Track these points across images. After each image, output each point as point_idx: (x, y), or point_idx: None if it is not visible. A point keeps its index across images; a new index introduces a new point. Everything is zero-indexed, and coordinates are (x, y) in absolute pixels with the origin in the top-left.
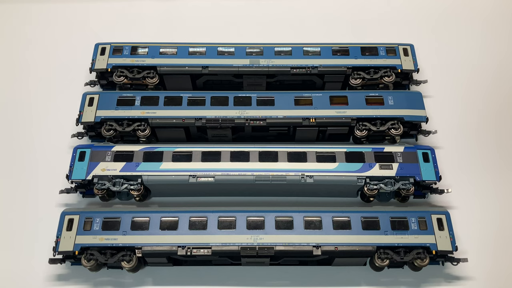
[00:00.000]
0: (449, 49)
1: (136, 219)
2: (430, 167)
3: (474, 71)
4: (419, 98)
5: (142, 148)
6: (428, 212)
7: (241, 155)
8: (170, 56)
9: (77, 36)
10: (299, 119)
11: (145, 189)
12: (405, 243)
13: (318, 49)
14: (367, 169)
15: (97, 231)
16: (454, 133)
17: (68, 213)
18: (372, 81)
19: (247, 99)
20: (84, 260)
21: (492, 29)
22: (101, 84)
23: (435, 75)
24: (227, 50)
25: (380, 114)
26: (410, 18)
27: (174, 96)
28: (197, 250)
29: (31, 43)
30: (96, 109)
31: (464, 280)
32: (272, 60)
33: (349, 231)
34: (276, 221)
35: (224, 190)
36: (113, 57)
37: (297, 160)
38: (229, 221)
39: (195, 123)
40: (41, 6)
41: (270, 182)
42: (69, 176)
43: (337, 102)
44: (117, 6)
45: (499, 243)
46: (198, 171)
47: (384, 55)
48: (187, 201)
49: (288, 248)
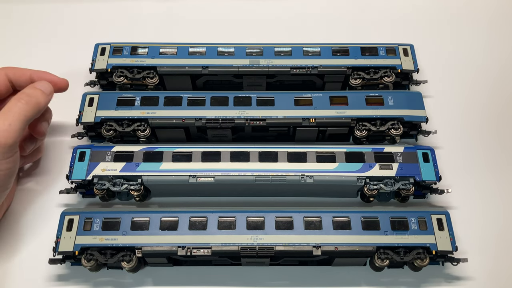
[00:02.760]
0: (449, 49)
1: (136, 219)
2: (430, 167)
3: (474, 71)
4: (419, 98)
5: (142, 148)
6: (428, 212)
7: (241, 155)
8: (170, 56)
9: (77, 36)
10: (299, 119)
11: (145, 189)
12: (405, 243)
13: (318, 49)
14: (367, 169)
15: (97, 231)
16: (454, 133)
17: (68, 213)
18: (372, 81)
19: (247, 99)
20: (84, 260)
21: (492, 29)
22: (101, 84)
23: (435, 75)
24: (227, 50)
25: (380, 114)
26: (410, 18)
27: (174, 96)
28: (197, 250)
29: (31, 43)
30: (96, 109)
31: (464, 280)
32: (272, 60)
33: (349, 231)
34: (276, 221)
35: (224, 190)
36: (113, 57)
37: (297, 160)
38: (229, 221)
39: (195, 123)
40: (41, 6)
41: (270, 182)
42: (69, 177)
43: (337, 102)
44: (117, 6)
45: (500, 243)
46: (198, 171)
47: (384, 55)
48: (187, 201)
49: (288, 248)
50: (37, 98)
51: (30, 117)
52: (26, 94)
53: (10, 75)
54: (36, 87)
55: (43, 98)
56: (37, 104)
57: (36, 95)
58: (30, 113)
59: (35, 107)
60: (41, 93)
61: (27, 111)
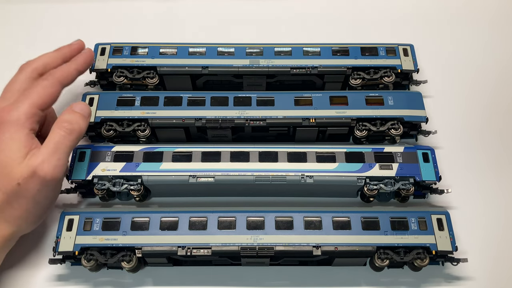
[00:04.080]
0: (449, 49)
1: (136, 219)
2: (430, 167)
3: (474, 71)
4: (419, 98)
5: (142, 148)
6: (428, 212)
7: (241, 155)
8: (170, 57)
9: (77, 36)
10: (299, 119)
11: (145, 189)
12: (405, 243)
13: (318, 49)
14: (367, 169)
15: (97, 231)
16: (454, 133)
17: (68, 213)
18: (372, 81)
19: (247, 99)
20: (84, 260)
21: (492, 29)
22: (101, 85)
23: (435, 75)
24: (227, 50)
25: (380, 114)
26: (410, 18)
27: (174, 96)
28: (197, 250)
29: (31, 44)
30: (96, 109)
31: (464, 280)
32: (272, 61)
33: (349, 231)
34: (276, 221)
35: (224, 190)
36: (113, 57)
37: (297, 160)
38: (229, 221)
39: (195, 123)
40: (41, 6)
41: (270, 182)
42: (69, 177)
43: (337, 102)
44: (117, 6)
45: (500, 243)
46: (198, 171)
47: (384, 55)
48: (187, 201)
49: (288, 248)
50: (79, 125)
51: (74, 146)
52: (69, 122)
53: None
54: (75, 111)
55: (84, 123)
56: (80, 132)
57: (78, 121)
58: (75, 143)
59: (79, 135)
60: (81, 117)
61: (71, 141)
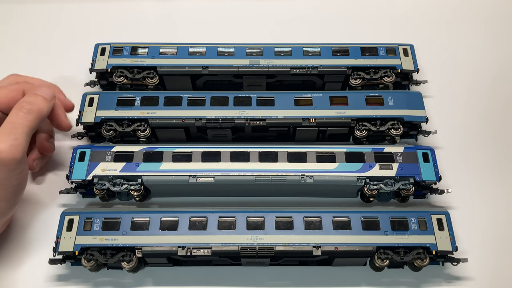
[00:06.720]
0: (449, 49)
1: (136, 219)
2: (430, 167)
3: (474, 71)
4: (419, 98)
5: (142, 149)
6: (428, 212)
7: (241, 155)
8: (170, 57)
9: (77, 36)
10: (299, 119)
11: (145, 189)
12: (405, 243)
13: (318, 49)
14: (367, 169)
15: (97, 232)
16: (454, 133)
17: (68, 213)
18: (372, 81)
19: (247, 99)
20: (84, 260)
21: (492, 29)
22: (101, 85)
23: (435, 75)
24: (227, 50)
25: (380, 115)
26: (410, 18)
27: (174, 97)
28: (197, 251)
29: (31, 44)
30: (96, 109)
31: (464, 280)
32: (272, 61)
33: (349, 231)
34: (276, 222)
35: (224, 190)
36: (113, 57)
37: (297, 160)
38: (229, 222)
39: (195, 123)
40: (41, 7)
41: (270, 182)
42: (69, 177)
43: (337, 102)
44: (117, 6)
45: (499, 243)
46: (198, 171)
47: (384, 55)
48: (187, 201)
49: (288, 249)
50: (39, 106)
51: (34, 127)
52: (27, 102)
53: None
54: (37, 93)
55: (45, 105)
56: (39, 112)
57: (38, 102)
58: (34, 123)
59: (38, 116)
60: (43, 99)
61: (30, 121)
